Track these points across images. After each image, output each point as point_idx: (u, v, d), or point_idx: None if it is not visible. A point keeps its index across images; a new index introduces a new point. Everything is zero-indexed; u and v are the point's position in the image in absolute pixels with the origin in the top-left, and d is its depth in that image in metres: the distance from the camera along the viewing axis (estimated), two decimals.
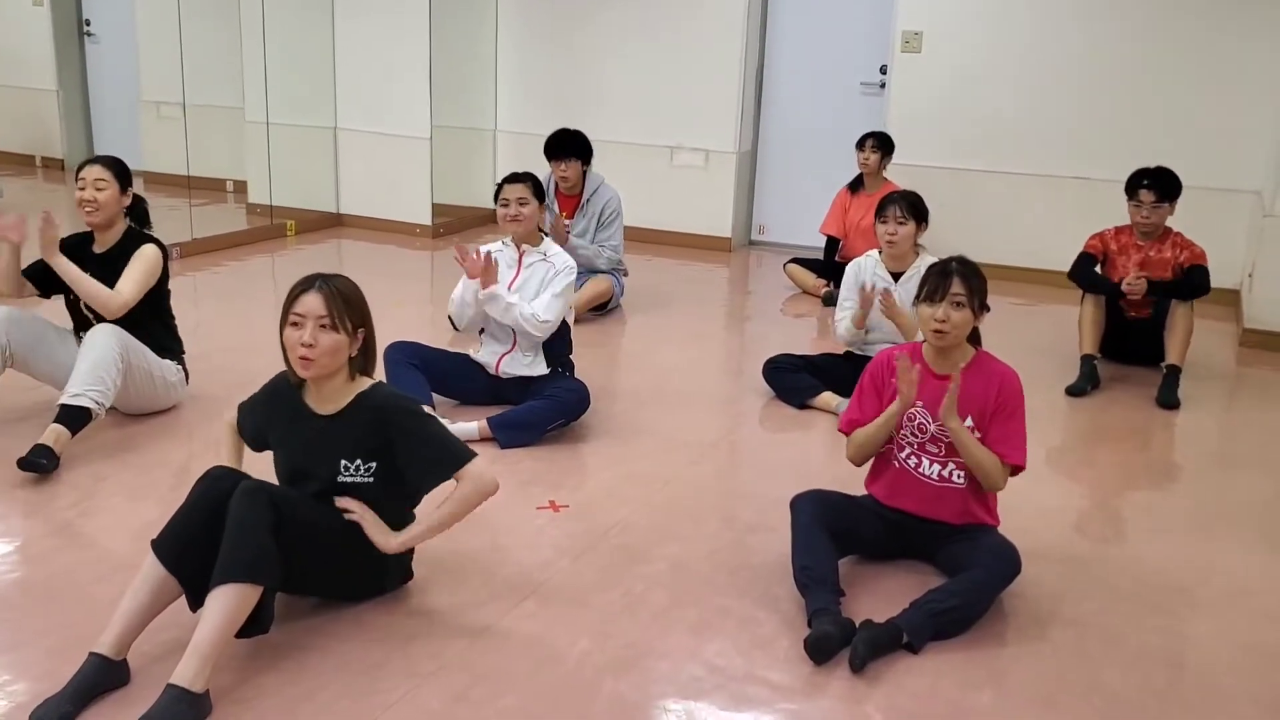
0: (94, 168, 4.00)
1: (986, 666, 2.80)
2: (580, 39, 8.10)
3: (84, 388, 3.73)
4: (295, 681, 2.60)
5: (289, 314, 2.77)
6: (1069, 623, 3.04)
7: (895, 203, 4.64)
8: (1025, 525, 3.45)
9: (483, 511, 3.57)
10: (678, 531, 3.49)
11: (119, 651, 2.54)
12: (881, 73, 7.70)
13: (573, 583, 3.14)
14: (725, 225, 8.02)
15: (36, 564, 3.13)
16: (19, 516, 3.42)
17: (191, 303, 6.32)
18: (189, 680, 2.41)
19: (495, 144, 8.53)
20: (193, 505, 2.66)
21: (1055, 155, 7.18)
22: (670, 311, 6.32)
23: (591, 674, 2.70)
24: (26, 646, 2.71)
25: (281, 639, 2.74)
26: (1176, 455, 4.70)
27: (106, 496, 3.59)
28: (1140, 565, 3.45)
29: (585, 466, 4.04)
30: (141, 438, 4.04)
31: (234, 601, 2.48)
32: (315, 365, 2.75)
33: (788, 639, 2.86)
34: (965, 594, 2.92)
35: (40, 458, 3.59)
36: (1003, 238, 7.27)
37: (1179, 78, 6.87)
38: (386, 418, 2.81)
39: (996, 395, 3.07)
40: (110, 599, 2.81)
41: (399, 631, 2.84)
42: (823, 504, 3.13)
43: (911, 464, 3.16)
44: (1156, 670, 2.84)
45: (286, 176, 8.04)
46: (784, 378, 4.77)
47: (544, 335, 4.24)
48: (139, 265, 4.00)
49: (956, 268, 3.09)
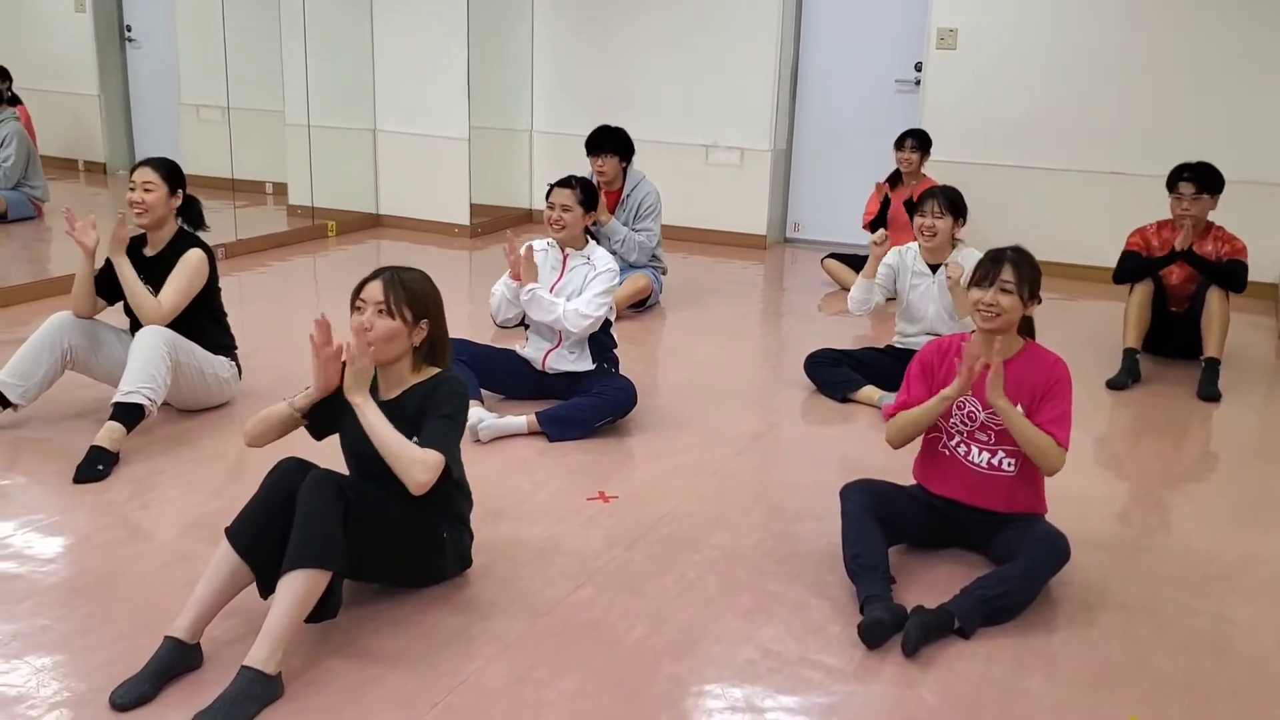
0: (143, 170, 4.08)
1: (1037, 651, 2.85)
2: (615, 38, 8.17)
3: (136, 385, 3.82)
4: (362, 666, 2.67)
5: (355, 299, 2.90)
6: (1117, 608, 3.08)
7: (934, 197, 4.70)
8: (1071, 514, 3.48)
9: (535, 501, 3.69)
10: (726, 521, 3.55)
11: (193, 635, 2.62)
12: (917, 70, 7.72)
13: (626, 570, 3.20)
14: (761, 223, 8.07)
15: (100, 555, 3.22)
16: (81, 510, 3.51)
17: (238, 303, 6.43)
18: (263, 662, 2.49)
19: (532, 144, 8.62)
20: (265, 495, 2.73)
21: (1093, 150, 7.18)
22: (708, 308, 6.37)
23: (649, 656, 2.76)
24: (95, 633, 2.79)
25: (349, 624, 2.82)
26: (1217, 447, 4.72)
27: (164, 489, 3.68)
28: (1184, 553, 3.48)
29: (632, 459, 4.10)
30: (196, 432, 4.13)
31: (304, 587, 2.56)
32: (371, 349, 2.80)
33: (839, 624, 2.92)
34: (1015, 580, 2.96)
35: (96, 464, 3.68)
36: (1040, 233, 7.17)
37: (1219, 70, 6.86)
38: (435, 390, 2.89)
39: (1045, 381, 3.11)
40: (170, 586, 2.93)
41: (460, 616, 2.91)
42: (872, 493, 3.18)
43: (961, 452, 3.20)
44: (1204, 654, 2.88)
45: (326, 178, 8.16)
46: (825, 372, 4.81)
47: (585, 332, 4.31)
48: (182, 273, 4.06)
49: (1010, 255, 3.13)
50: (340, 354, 2.81)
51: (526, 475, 3.90)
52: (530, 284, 4.25)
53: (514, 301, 4.31)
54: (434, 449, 2.78)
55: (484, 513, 3.40)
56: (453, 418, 2.89)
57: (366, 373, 2.79)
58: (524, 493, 3.76)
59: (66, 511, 3.49)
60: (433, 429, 2.82)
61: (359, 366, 2.76)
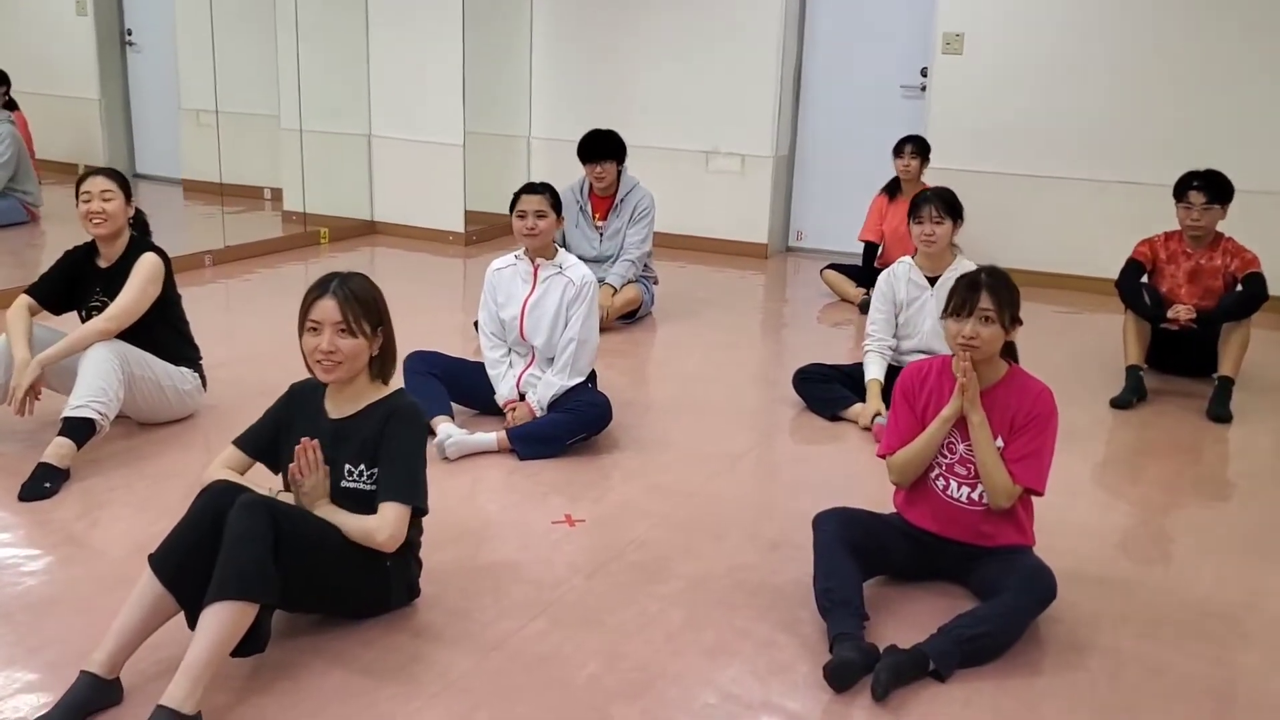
0: (99, 179, 3.93)
1: (1018, 697, 2.65)
2: (615, 43, 8.01)
3: (86, 399, 3.68)
4: (293, 703, 2.51)
5: (305, 319, 2.76)
6: (1107, 651, 2.87)
7: (929, 201, 4.50)
8: (1064, 545, 3.30)
9: (497, 524, 3.52)
10: (697, 548, 3.37)
11: (111, 670, 2.46)
12: (922, 75, 7.53)
13: (585, 601, 3.02)
14: (762, 231, 7.89)
15: (40, 575, 3.07)
16: (27, 526, 3.37)
17: (224, 310, 6.31)
18: (179, 701, 2.32)
19: (529, 150, 8.46)
20: (192, 520, 2.59)
21: (1102, 159, 6.98)
22: (702, 319, 6.19)
23: (600, 698, 2.58)
24: (22, 661, 2.64)
25: (281, 658, 2.66)
26: (1227, 471, 4.49)
27: (116, 507, 3.52)
28: (1185, 589, 3.27)
29: (606, 479, 3.92)
30: (155, 446, 3.98)
31: (227, 620, 2.39)
32: (340, 369, 2.75)
33: (807, 664, 2.73)
34: (997, 619, 2.77)
35: (43, 481, 3.54)
36: (1047, 244, 7.10)
37: (1230, 78, 6.65)
38: (390, 419, 2.78)
39: (1027, 411, 2.91)
40: (108, 613, 2.73)
41: (403, 650, 2.74)
42: (847, 522, 2.99)
43: (939, 486, 3.01)
44: (1201, 703, 2.67)
45: (320, 184, 8.04)
46: (815, 388, 4.62)
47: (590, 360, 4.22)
48: (137, 278, 3.92)
49: (986, 280, 2.94)
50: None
51: (492, 496, 3.73)
52: (513, 408, 4.16)
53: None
54: (396, 500, 2.70)
55: (442, 537, 3.24)
56: (415, 454, 2.80)
57: (320, 487, 2.74)
58: (487, 515, 3.59)
59: (7, 530, 3.34)
60: (394, 475, 2.74)
61: (311, 485, 2.73)
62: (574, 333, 4.12)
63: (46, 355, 3.77)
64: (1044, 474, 2.94)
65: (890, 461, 3.09)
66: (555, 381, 4.12)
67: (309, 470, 2.72)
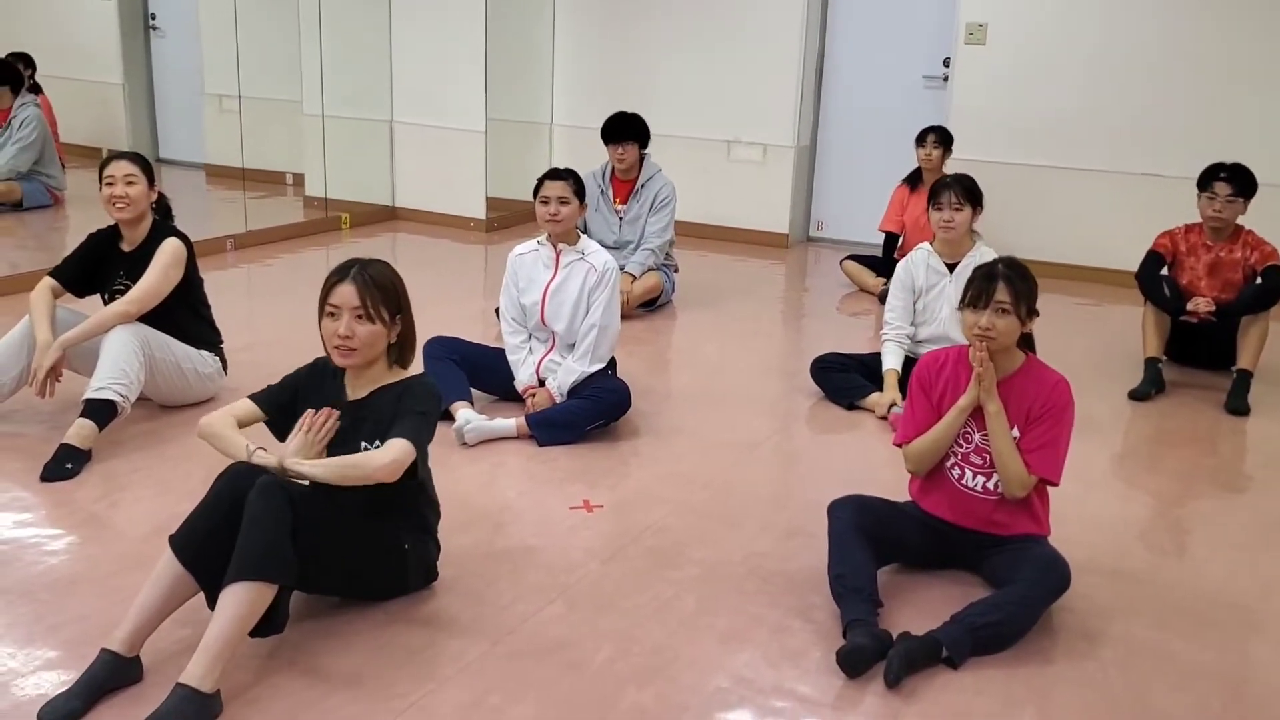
0: (122, 163, 3.95)
1: (1029, 685, 2.66)
2: (637, 30, 8.00)
3: (107, 381, 3.71)
4: (309, 684, 2.54)
5: (325, 304, 2.79)
6: (1119, 639, 2.88)
7: (949, 187, 4.49)
8: (1079, 535, 3.30)
9: (515, 509, 3.55)
10: (713, 535, 3.38)
11: (131, 648, 2.50)
12: (945, 65, 7.49)
13: (601, 586, 3.04)
14: (783, 221, 7.87)
15: (61, 555, 3.11)
16: (49, 506, 3.41)
17: (245, 294, 6.35)
18: (198, 680, 2.36)
19: (551, 137, 8.46)
20: (212, 501, 2.61)
21: (1124, 151, 6.93)
22: (722, 308, 6.20)
23: (613, 683, 2.60)
24: (44, 639, 2.68)
25: (299, 639, 2.69)
26: (1244, 464, 4.48)
27: (136, 488, 3.56)
28: (1199, 580, 3.27)
29: (624, 466, 3.94)
30: (176, 429, 4.01)
31: (246, 600, 2.43)
32: (356, 355, 2.76)
33: (820, 650, 2.74)
34: (1010, 607, 2.77)
35: (64, 462, 3.58)
36: (1068, 236, 7.06)
37: (1254, 71, 6.59)
38: (404, 394, 2.79)
39: (1043, 402, 2.92)
40: (127, 592, 2.78)
41: (420, 633, 2.76)
42: (862, 510, 3.00)
43: (955, 475, 3.02)
44: (1211, 693, 2.68)
45: (342, 169, 8.08)
46: (832, 377, 4.63)
47: (610, 346, 4.23)
48: (159, 261, 3.94)
49: (1002, 271, 2.94)
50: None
51: (510, 482, 3.76)
52: (532, 394, 4.18)
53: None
54: (402, 437, 2.67)
55: (460, 521, 3.28)
56: (426, 414, 2.79)
57: (309, 453, 2.74)
58: (505, 500, 3.61)
59: (29, 510, 3.38)
60: (404, 424, 2.71)
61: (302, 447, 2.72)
62: (595, 319, 4.14)
63: (68, 337, 3.81)
64: (1059, 464, 2.94)
65: (906, 450, 3.09)
66: (575, 367, 4.13)
67: (317, 431, 2.72)
